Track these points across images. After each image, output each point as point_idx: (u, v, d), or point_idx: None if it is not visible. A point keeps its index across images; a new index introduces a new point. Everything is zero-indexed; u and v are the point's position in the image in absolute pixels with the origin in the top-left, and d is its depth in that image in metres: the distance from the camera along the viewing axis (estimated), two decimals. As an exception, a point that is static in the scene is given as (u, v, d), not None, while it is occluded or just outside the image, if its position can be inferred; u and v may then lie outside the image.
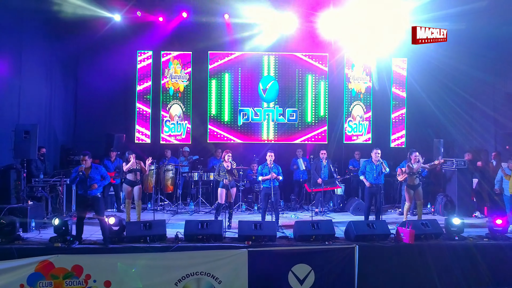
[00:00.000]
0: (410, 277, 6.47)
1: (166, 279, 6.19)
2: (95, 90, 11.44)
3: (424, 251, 6.57)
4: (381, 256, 6.52)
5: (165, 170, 10.00)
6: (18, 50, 8.93)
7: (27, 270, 6.04)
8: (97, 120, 11.46)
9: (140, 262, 6.20)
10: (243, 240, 6.52)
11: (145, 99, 11.83)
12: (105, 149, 10.32)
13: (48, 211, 8.02)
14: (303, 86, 12.00)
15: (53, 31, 10.44)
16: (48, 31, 10.34)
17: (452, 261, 6.54)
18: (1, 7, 8.16)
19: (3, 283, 5.96)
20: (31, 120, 8.75)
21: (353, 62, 12.15)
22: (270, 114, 11.89)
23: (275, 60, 11.97)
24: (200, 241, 6.50)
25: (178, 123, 11.83)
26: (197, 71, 11.88)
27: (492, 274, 6.53)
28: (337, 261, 6.43)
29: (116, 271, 6.14)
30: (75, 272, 6.11)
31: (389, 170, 7.80)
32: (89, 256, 6.20)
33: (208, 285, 6.25)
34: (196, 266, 6.27)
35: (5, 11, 8.33)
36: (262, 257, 6.38)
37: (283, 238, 6.95)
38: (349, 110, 12.16)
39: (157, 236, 6.50)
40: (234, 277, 6.29)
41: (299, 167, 10.51)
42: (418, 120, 11.89)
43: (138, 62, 11.85)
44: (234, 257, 6.33)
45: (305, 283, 6.37)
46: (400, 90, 12.24)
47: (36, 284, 6.05)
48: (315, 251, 6.47)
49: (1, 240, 6.30)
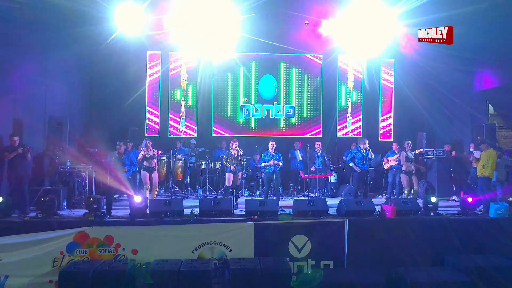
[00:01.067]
0: (392, 246, 7.54)
1: (184, 247, 7.24)
2: (109, 88, 12.46)
3: (404, 224, 7.69)
4: (367, 229, 7.61)
5: (176, 159, 11.04)
6: (44, 53, 9.88)
7: (66, 239, 7.07)
8: (111, 115, 12.44)
9: (162, 233, 7.26)
10: (250, 215, 7.60)
11: (155, 97, 12.88)
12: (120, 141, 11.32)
13: (75, 194, 9.03)
14: (299, 85, 13.11)
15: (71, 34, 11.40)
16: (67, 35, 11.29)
17: (428, 233, 7.67)
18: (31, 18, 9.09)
19: (46, 250, 6.99)
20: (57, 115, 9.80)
21: (346, 63, 13.28)
22: (269, 110, 12.97)
23: (274, 59, 13.07)
24: (213, 216, 7.58)
25: (185, 118, 12.88)
26: (202, 70, 12.94)
27: (461, 243, 7.64)
28: (330, 233, 7.52)
29: (142, 241, 7.19)
30: (107, 241, 7.15)
31: (374, 156, 8.91)
32: (118, 228, 7.26)
33: (220, 253, 7.31)
34: (210, 237, 7.33)
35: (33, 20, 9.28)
36: (266, 229, 7.45)
37: (284, 214, 8.03)
38: (342, 106, 13.29)
39: (176, 211, 7.57)
40: (242, 246, 7.35)
41: (296, 158, 11.60)
42: (404, 115, 13.06)
43: (148, 62, 12.89)
44: (242, 229, 7.40)
45: (302, 251, 7.45)
46: (388, 89, 13.39)
47: (74, 251, 7.08)
48: (311, 224, 7.56)
49: (42, 215, 7.33)
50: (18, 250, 6.98)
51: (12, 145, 7.82)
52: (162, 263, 6.76)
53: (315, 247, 7.47)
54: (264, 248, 7.36)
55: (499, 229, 7.75)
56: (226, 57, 12.71)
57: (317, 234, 7.51)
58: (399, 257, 7.32)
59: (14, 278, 6.92)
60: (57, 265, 6.98)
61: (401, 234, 7.62)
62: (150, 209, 7.61)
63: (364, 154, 8.75)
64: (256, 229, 7.39)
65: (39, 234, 7.06)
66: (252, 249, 7.34)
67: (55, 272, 6.91)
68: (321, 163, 10.60)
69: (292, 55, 13.04)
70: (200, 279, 6.51)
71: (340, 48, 12.85)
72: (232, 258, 7.15)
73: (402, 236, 7.61)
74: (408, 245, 7.56)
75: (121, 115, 12.50)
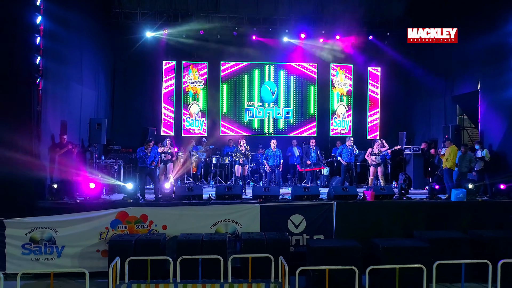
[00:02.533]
0: (371, 223, 9.30)
1: (204, 224, 9.00)
2: (129, 93, 14.27)
3: (381, 206, 9.49)
4: (351, 210, 9.38)
5: (191, 155, 12.80)
6: (79, 62, 11.63)
7: (110, 217, 8.83)
8: (131, 117, 14.24)
9: (186, 212, 9.04)
10: (256, 199, 9.39)
11: (170, 100, 14.66)
12: (141, 140, 13.07)
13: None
14: (297, 90, 14.92)
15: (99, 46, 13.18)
16: (96, 46, 13.06)
17: (400, 213, 9.45)
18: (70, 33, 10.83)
19: (94, 226, 8.75)
20: (87, 116, 11.56)
21: (336, 70, 15.10)
22: (270, 112, 14.78)
23: (274, 68, 14.87)
24: (227, 199, 9.36)
25: (196, 119, 14.69)
26: (212, 77, 14.75)
27: (428, 221, 9.44)
28: (321, 213, 9.29)
29: (170, 218, 8.96)
30: (142, 219, 8.91)
31: (358, 151, 10.72)
32: (151, 208, 9.03)
33: (233, 228, 9.08)
34: (224, 216, 9.09)
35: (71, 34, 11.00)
36: (270, 210, 9.21)
37: (284, 199, 9.82)
38: (334, 109, 15.10)
39: (197, 195, 9.36)
40: (250, 223, 9.11)
41: (294, 154, 13.38)
42: (389, 117, 14.94)
43: (164, 70, 14.68)
44: (250, 209, 9.17)
45: (299, 227, 9.23)
46: (375, 93, 15.22)
47: (116, 227, 8.84)
48: (306, 206, 9.34)
49: (90, 197, 9.11)
50: (71, 225, 8.74)
51: (61, 142, 9.60)
52: (187, 236, 8.51)
53: (309, 224, 9.25)
54: (268, 224, 9.11)
55: (458, 210, 9.57)
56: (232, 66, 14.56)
57: (310, 214, 9.29)
58: (377, 231, 9.08)
59: (69, 248, 8.69)
60: (103, 238, 8.74)
61: (379, 214, 9.42)
62: (176, 193, 9.40)
63: (350, 150, 10.56)
64: (261, 210, 9.16)
65: (88, 213, 8.82)
66: (258, 226, 9.11)
67: (101, 243, 8.70)
68: (315, 158, 12.39)
69: (290, 64, 14.85)
70: (217, 248, 8.24)
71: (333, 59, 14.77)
72: (242, 232, 8.91)
73: (379, 215, 9.40)
74: (384, 222, 9.36)
75: (140, 116, 14.32)
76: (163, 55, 14.47)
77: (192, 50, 14.42)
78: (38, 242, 8.63)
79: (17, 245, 8.58)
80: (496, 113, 10.81)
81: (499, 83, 10.63)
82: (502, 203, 9.82)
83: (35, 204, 8.81)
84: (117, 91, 14.55)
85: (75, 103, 11.24)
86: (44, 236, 8.64)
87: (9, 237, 8.56)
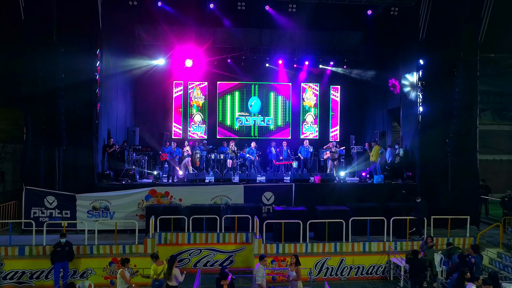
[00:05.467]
0: (316, 197, 13.89)
1: (206, 198, 13.58)
2: (148, 105, 18.84)
3: (324, 186, 14.15)
4: (304, 188, 14.02)
5: (195, 153, 17.37)
6: (116, 86, 16.14)
7: (144, 193, 13.41)
8: (149, 124, 18.76)
9: (195, 190, 13.64)
10: (241, 182, 14.00)
11: (178, 111, 19.26)
12: (159, 141, 17.62)
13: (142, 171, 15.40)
14: (275, 103, 19.56)
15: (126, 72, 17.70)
16: (125, 72, 17.56)
17: (337, 191, 14.08)
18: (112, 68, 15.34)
19: (134, 199, 13.31)
20: (119, 125, 16.14)
21: (306, 88, 19.77)
22: (255, 120, 19.40)
23: (258, 87, 19.51)
24: (221, 182, 13.98)
25: (199, 125, 19.28)
26: (210, 93, 19.35)
27: (356, 197, 14.06)
28: (284, 191, 13.91)
29: (184, 194, 13.53)
30: (165, 194, 13.49)
31: (312, 149, 15.38)
32: (171, 187, 13.64)
33: (225, 200, 13.64)
34: (220, 192, 13.67)
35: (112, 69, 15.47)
36: (250, 189, 13.80)
37: (260, 182, 14.43)
38: (304, 118, 19.76)
39: (201, 179, 13.99)
40: (237, 197, 13.69)
41: (271, 152, 17.95)
42: (347, 124, 19.62)
43: (174, 88, 19.27)
44: (237, 188, 13.76)
45: (269, 200, 13.82)
46: (335, 105, 19.89)
47: (149, 199, 13.40)
48: (274, 186, 13.97)
49: (130, 180, 13.73)
50: (119, 198, 13.30)
51: (109, 143, 14.18)
52: (195, 205, 13.12)
53: (276, 198, 13.85)
54: (248, 198, 13.71)
55: (377, 189, 14.24)
56: (226, 85, 19.16)
57: (278, 191, 13.90)
58: (320, 202, 13.66)
59: (118, 213, 13.25)
60: (140, 206, 13.31)
61: (322, 191, 14.06)
62: (187, 178, 14.05)
63: (306, 149, 15.24)
64: (244, 189, 13.76)
65: (130, 190, 13.41)
66: (242, 199, 13.71)
67: (139, 210, 13.28)
68: (286, 155, 16.98)
69: (270, 83, 19.50)
70: (215, 212, 12.81)
71: (303, 79, 19.44)
72: (231, 203, 13.53)
73: (323, 193, 14.05)
74: (325, 197, 13.97)
75: (156, 124, 18.86)
76: (173, 76, 19.04)
77: (195, 73, 18.99)
78: (98, 209, 13.21)
79: (84, 211, 13.16)
80: (409, 123, 15.46)
81: (410, 102, 15.28)
82: (409, 184, 14.49)
83: (95, 185, 13.41)
84: (138, 105, 19.08)
85: (114, 115, 15.82)
86: (101, 205, 13.21)
87: (79, 206, 13.13)
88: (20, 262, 11.05)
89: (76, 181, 13.26)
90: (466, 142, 14.34)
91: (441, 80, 14.32)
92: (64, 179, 13.28)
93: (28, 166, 13.21)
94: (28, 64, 12.92)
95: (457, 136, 14.18)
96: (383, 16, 15.55)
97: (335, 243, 12.06)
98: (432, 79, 14.43)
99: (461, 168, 14.35)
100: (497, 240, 12.75)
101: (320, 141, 19.05)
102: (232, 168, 15.51)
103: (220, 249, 12.27)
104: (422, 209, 12.47)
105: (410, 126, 15.39)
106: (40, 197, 13.04)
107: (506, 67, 14.51)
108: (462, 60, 14.04)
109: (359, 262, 11.89)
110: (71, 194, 13.05)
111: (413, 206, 12.82)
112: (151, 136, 18.07)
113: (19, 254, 11.24)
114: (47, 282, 10.93)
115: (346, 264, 11.84)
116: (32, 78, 12.92)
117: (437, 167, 14.34)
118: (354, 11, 15.65)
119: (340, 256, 11.84)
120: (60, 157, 13.20)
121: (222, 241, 12.29)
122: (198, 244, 12.20)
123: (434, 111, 14.43)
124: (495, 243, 12.82)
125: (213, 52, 18.39)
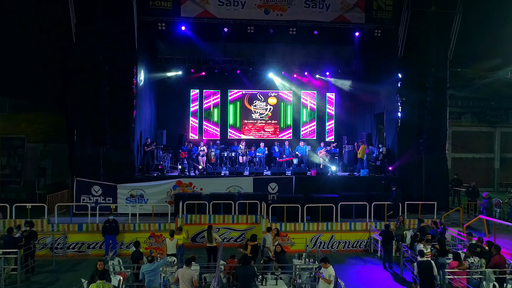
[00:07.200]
0: (312, 187, 16.90)
1: (223, 188, 16.59)
2: (168, 110, 21.88)
3: (319, 178, 17.17)
4: (303, 180, 17.04)
5: (210, 151, 20.39)
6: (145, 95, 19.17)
7: (172, 183, 16.45)
8: (169, 126, 21.76)
9: (214, 181, 16.67)
10: (251, 175, 17.03)
11: (195, 115, 22.32)
12: (178, 141, 20.63)
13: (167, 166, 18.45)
14: (279, 108, 22.60)
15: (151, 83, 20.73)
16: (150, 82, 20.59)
17: (330, 182, 17.08)
18: (141, 80, 18.40)
19: (163, 188, 16.34)
20: (146, 127, 19.21)
21: (305, 95, 22.80)
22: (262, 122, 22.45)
23: (264, 94, 22.54)
24: (234, 175, 17.02)
25: (213, 128, 22.33)
26: (222, 100, 22.39)
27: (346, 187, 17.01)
28: (286, 182, 16.91)
29: (204, 184, 16.56)
30: (189, 184, 16.53)
31: (310, 148, 18.41)
32: (194, 178, 16.69)
33: (238, 189, 16.63)
34: (233, 183, 16.68)
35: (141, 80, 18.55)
36: (258, 180, 16.81)
37: (266, 175, 17.45)
38: (303, 121, 22.79)
39: (218, 172, 17.04)
40: (247, 187, 16.68)
41: (275, 150, 20.97)
42: (340, 126, 22.63)
43: (191, 95, 22.32)
44: (247, 180, 16.78)
45: (274, 190, 16.81)
46: (331, 110, 22.92)
47: (176, 189, 16.43)
48: (278, 178, 16.98)
49: (160, 173, 16.81)
50: (152, 188, 16.32)
51: (146, 143, 17.27)
52: (214, 193, 16.14)
53: (280, 188, 16.84)
54: (257, 188, 16.70)
55: (363, 181, 17.26)
56: (236, 93, 22.21)
57: (281, 182, 16.91)
58: (315, 191, 16.63)
59: (151, 200, 16.25)
60: (169, 194, 16.33)
61: (317, 182, 17.08)
62: (206, 171, 17.11)
63: (303, 147, 18.28)
64: (254, 180, 16.79)
65: (160, 181, 16.46)
66: (251, 188, 16.71)
67: (168, 197, 16.30)
68: (288, 152, 19.98)
69: (274, 91, 22.54)
70: (230, 198, 15.77)
71: (303, 88, 22.47)
72: (243, 191, 16.55)
73: (318, 183, 17.05)
74: (321, 187, 16.96)
75: (175, 126, 21.90)
76: (190, 85, 22.09)
77: (209, 82, 22.02)
78: (134, 196, 16.24)
79: (123, 198, 16.20)
80: (391, 126, 18.46)
81: (392, 108, 18.28)
82: (389, 177, 17.49)
83: (132, 176, 16.50)
84: (160, 109, 22.14)
85: (144, 119, 18.89)
86: (137, 193, 16.25)
87: (119, 194, 16.18)
88: (80, 235, 14.14)
89: (116, 174, 16.32)
90: (437, 142, 17.30)
91: (416, 91, 17.27)
92: (107, 172, 16.34)
93: (77, 162, 16.30)
94: (77, 79, 16.09)
95: (429, 137, 17.14)
96: (368, 36, 18.49)
97: (327, 223, 15.02)
98: (409, 89, 17.41)
99: (433, 164, 17.34)
100: (459, 222, 15.75)
101: (318, 141, 21.96)
102: (243, 163, 18.56)
103: (235, 228, 15.28)
104: (397, 195, 15.47)
105: (391, 129, 18.38)
106: (88, 187, 16.07)
107: (468, 80, 17.43)
108: (432, 75, 16.97)
109: (346, 238, 14.88)
110: (113, 184, 16.08)
111: (391, 194, 15.81)
112: (171, 137, 21.08)
113: (78, 230, 14.31)
114: (101, 252, 13.98)
115: (336, 239, 14.84)
116: (80, 90, 16.09)
117: (413, 163, 17.31)
118: (344, 31, 18.56)
119: (330, 233, 14.84)
120: (103, 155, 16.27)
121: (236, 222, 15.27)
122: (217, 224, 15.17)
123: (411, 116, 17.42)
124: (457, 223, 15.78)
125: (225, 64, 21.37)
